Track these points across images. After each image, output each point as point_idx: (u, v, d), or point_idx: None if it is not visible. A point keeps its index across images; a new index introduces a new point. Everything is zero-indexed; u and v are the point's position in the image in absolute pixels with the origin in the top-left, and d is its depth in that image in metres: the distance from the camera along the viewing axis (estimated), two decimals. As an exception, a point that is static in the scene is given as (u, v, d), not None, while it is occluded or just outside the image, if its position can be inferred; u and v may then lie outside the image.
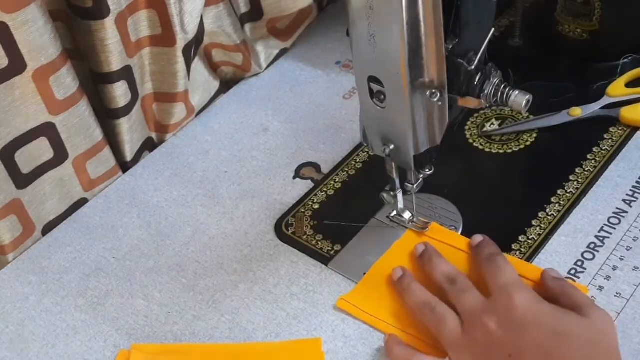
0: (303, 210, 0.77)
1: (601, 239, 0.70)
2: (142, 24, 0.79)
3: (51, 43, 0.70)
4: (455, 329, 0.60)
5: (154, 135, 0.89)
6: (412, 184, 0.68)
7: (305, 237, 0.75)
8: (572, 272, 0.68)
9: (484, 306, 0.60)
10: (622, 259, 0.68)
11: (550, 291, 0.62)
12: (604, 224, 0.71)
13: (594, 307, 0.59)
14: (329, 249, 0.73)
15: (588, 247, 0.70)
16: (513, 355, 0.57)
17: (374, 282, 0.70)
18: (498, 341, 0.58)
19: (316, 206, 0.78)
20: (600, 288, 0.66)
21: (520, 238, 0.71)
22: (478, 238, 0.68)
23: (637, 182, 0.75)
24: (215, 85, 0.93)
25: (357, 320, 0.67)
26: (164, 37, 0.80)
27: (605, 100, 0.81)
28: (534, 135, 0.81)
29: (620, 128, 0.80)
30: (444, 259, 0.67)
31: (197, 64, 0.89)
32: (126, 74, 0.78)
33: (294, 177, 0.82)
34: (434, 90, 0.59)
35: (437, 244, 0.70)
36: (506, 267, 0.63)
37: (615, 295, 0.66)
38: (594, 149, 0.78)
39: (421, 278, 0.67)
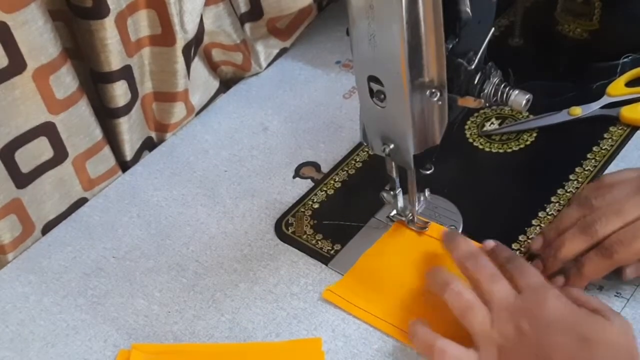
0: (303, 210, 0.77)
1: (601, 238, 0.70)
2: (142, 24, 0.79)
3: (51, 43, 0.70)
4: (484, 320, 0.60)
5: (153, 134, 0.89)
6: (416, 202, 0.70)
7: (305, 236, 0.75)
8: (572, 271, 0.68)
9: (516, 304, 0.60)
10: (622, 259, 0.68)
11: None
12: (604, 224, 0.71)
13: (613, 312, 0.59)
14: (329, 248, 0.73)
15: (588, 246, 0.70)
16: (539, 355, 0.57)
17: (360, 274, 0.70)
18: (528, 341, 0.58)
19: (316, 205, 0.78)
20: (600, 288, 0.66)
21: (520, 238, 0.71)
22: (491, 243, 0.67)
23: (637, 181, 0.74)
24: (215, 84, 0.93)
25: (357, 320, 0.67)
26: (163, 36, 0.80)
27: (605, 100, 0.81)
28: (534, 134, 0.81)
29: (620, 127, 0.80)
30: (469, 240, 0.66)
31: (197, 64, 0.89)
32: (126, 73, 0.78)
33: (294, 177, 0.82)
34: (433, 90, 0.59)
35: (437, 244, 0.70)
36: (531, 269, 0.63)
37: (615, 295, 0.66)
38: (594, 149, 0.78)
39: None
